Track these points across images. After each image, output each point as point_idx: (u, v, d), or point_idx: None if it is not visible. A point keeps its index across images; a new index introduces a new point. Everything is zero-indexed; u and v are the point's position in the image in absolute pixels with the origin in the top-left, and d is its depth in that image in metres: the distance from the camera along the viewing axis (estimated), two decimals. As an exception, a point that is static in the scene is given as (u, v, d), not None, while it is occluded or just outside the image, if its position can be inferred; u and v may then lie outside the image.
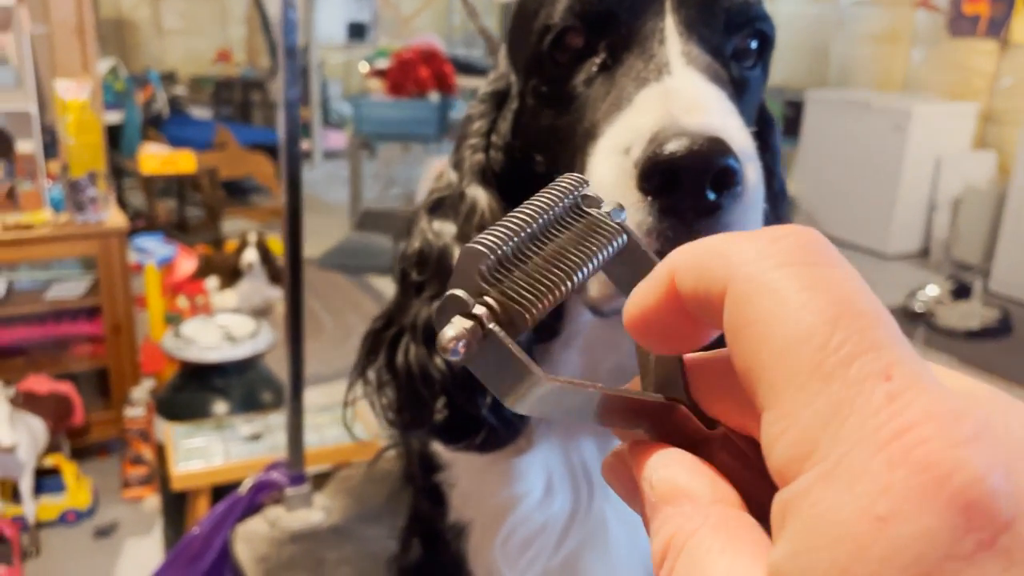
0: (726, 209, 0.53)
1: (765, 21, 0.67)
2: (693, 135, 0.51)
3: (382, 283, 4.86)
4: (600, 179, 0.58)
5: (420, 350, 0.74)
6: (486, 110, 0.76)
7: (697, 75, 0.59)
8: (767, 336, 0.23)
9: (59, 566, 2.52)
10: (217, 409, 2.49)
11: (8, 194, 2.79)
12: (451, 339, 0.26)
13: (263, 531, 1.39)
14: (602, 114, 0.61)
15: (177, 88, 6.74)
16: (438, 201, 0.77)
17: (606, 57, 0.64)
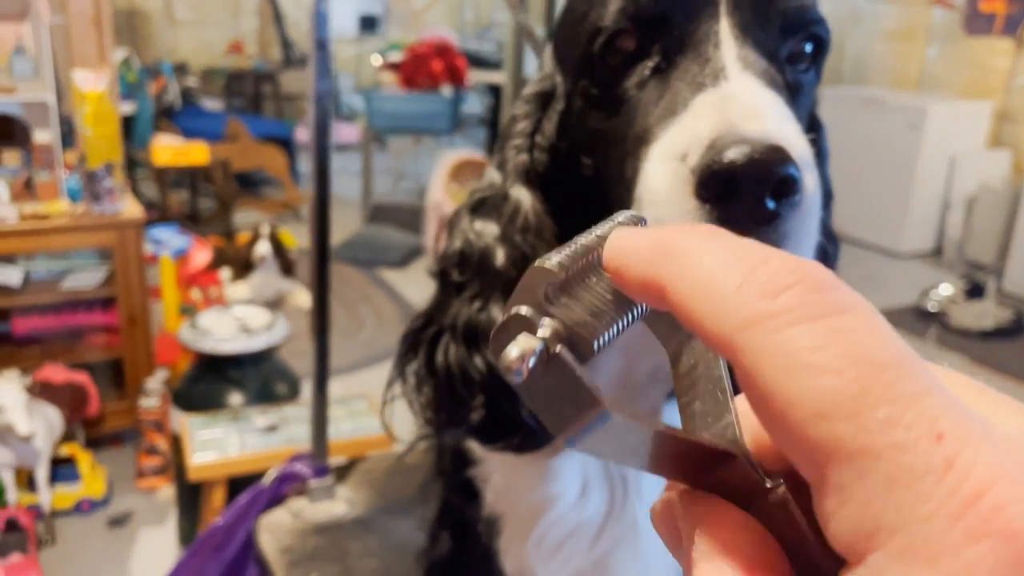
0: (784, 218, 0.53)
1: (821, 24, 0.66)
2: (754, 143, 0.51)
3: (393, 276, 4.86)
4: (655, 185, 0.57)
5: (460, 350, 0.74)
6: (531, 111, 0.75)
7: (754, 80, 0.58)
8: (794, 409, 0.21)
9: (74, 554, 2.53)
10: (232, 401, 2.50)
11: (26, 184, 2.79)
12: (516, 358, 0.25)
13: (287, 522, 1.40)
14: (655, 119, 0.60)
15: (189, 79, 6.74)
16: (480, 201, 0.77)
17: (659, 60, 0.63)
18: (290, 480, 1.46)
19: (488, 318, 0.72)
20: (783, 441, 0.22)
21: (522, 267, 0.70)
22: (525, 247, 0.71)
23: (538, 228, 0.71)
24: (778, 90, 0.59)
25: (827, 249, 0.73)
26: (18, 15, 2.88)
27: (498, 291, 0.72)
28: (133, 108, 5.19)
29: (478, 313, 0.73)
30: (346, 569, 1.29)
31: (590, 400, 0.25)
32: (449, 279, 0.76)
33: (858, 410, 0.20)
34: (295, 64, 7.53)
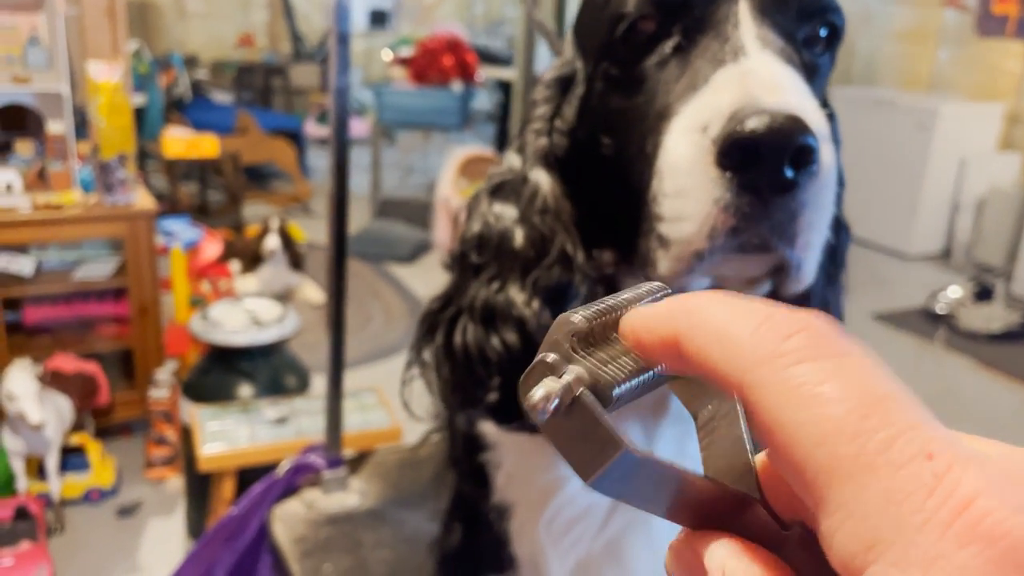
0: (802, 187, 0.54)
1: (836, 13, 0.67)
2: (773, 113, 0.52)
3: (402, 271, 4.87)
4: (676, 158, 0.58)
5: (477, 330, 0.75)
6: (551, 95, 0.76)
7: (773, 57, 0.59)
8: (799, 436, 0.23)
9: (83, 543, 2.54)
10: (242, 392, 2.51)
11: (39, 174, 2.80)
12: (540, 399, 0.27)
13: (300, 512, 1.40)
14: (676, 95, 0.61)
15: (199, 72, 6.75)
16: (499, 185, 0.78)
17: (680, 39, 0.64)
18: (304, 471, 1.46)
19: (505, 299, 0.73)
20: (790, 468, 0.24)
21: (540, 248, 0.72)
22: (543, 228, 0.72)
23: (556, 210, 0.73)
24: (795, 68, 0.60)
25: (839, 241, 0.75)
26: (33, 6, 2.89)
27: (516, 272, 0.73)
28: (144, 100, 5.20)
29: (495, 294, 0.74)
30: (359, 560, 1.30)
31: (612, 441, 0.26)
32: (467, 261, 0.77)
33: (858, 433, 0.22)
34: (305, 58, 7.54)
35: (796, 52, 0.63)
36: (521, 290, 0.72)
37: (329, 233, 1.31)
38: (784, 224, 0.55)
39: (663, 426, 0.79)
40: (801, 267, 0.59)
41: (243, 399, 2.45)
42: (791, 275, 0.59)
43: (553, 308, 0.71)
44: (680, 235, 0.59)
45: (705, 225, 0.56)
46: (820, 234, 0.59)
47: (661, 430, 0.80)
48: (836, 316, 0.76)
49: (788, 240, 0.56)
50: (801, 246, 0.57)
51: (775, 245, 0.56)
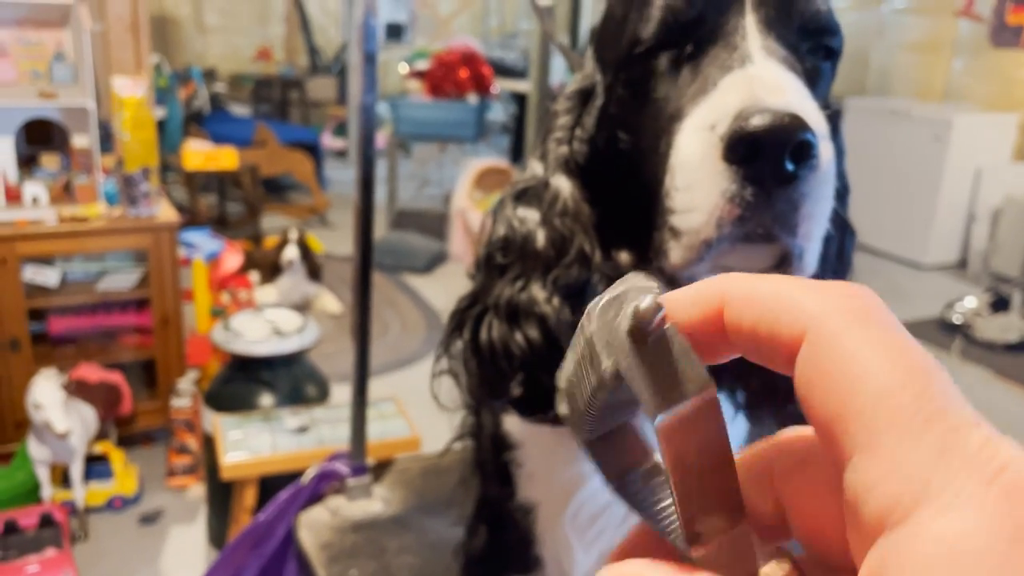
0: (802, 179, 0.59)
1: (835, 36, 0.72)
2: (775, 111, 0.57)
3: (418, 282, 4.90)
4: (687, 154, 0.64)
5: (502, 327, 0.78)
6: (572, 106, 0.81)
7: (776, 64, 0.64)
8: (861, 385, 0.24)
9: (106, 550, 2.58)
10: (264, 402, 2.54)
11: (65, 187, 2.85)
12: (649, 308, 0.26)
13: (325, 519, 1.43)
14: (688, 98, 0.66)
15: (217, 85, 6.83)
16: (523, 191, 0.82)
17: (692, 50, 0.69)
18: (328, 478, 1.49)
19: (528, 297, 0.77)
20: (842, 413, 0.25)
21: (560, 248, 0.76)
22: (563, 230, 0.77)
23: (576, 213, 0.77)
24: (798, 74, 0.65)
25: (844, 241, 0.79)
26: (59, 22, 2.95)
27: (538, 271, 0.77)
28: (163, 113, 5.27)
29: (519, 292, 0.78)
30: (384, 565, 1.33)
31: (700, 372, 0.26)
32: (493, 262, 0.81)
33: (921, 393, 0.24)
34: (322, 71, 7.60)
35: (798, 60, 0.68)
36: (543, 288, 0.76)
37: (355, 246, 1.34)
38: (786, 214, 0.60)
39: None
40: (803, 256, 0.63)
41: (264, 408, 2.48)
42: (794, 264, 0.63)
43: (573, 305, 0.75)
44: (690, 225, 0.63)
45: (713, 215, 0.61)
46: (820, 225, 0.63)
47: None
48: None
49: (790, 229, 0.61)
50: (803, 235, 0.61)
51: (778, 234, 0.61)
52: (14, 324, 2.73)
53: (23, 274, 2.77)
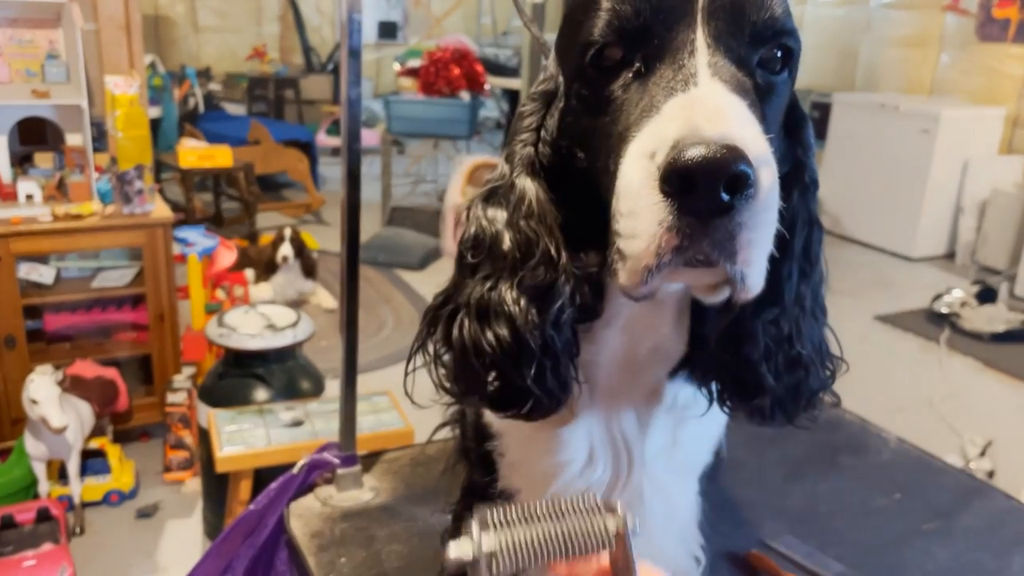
0: (739, 209, 0.60)
1: (791, 36, 0.72)
2: (710, 143, 0.58)
3: (412, 277, 4.93)
4: (628, 181, 0.64)
5: (473, 325, 0.80)
6: (536, 108, 0.82)
7: (721, 86, 0.65)
8: None
9: (103, 545, 2.61)
10: (258, 396, 2.56)
11: (58, 185, 2.88)
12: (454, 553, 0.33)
13: (316, 508, 1.46)
14: (634, 120, 0.67)
15: (212, 84, 6.84)
16: (492, 190, 0.83)
17: (640, 66, 0.70)
18: (319, 468, 1.52)
19: (498, 296, 0.78)
20: None
21: (526, 251, 0.77)
22: (528, 232, 0.78)
23: (540, 215, 0.78)
24: (744, 95, 0.66)
25: (810, 237, 0.79)
26: (51, 22, 2.97)
27: (506, 272, 0.79)
28: (159, 112, 5.29)
29: (489, 292, 0.79)
30: (373, 553, 1.35)
31: None
32: (464, 261, 0.83)
33: None
34: (316, 70, 7.62)
35: (749, 75, 0.69)
36: (510, 289, 0.78)
37: (342, 241, 1.37)
38: (724, 243, 0.61)
39: (656, 414, 0.85)
40: (745, 280, 0.63)
41: (259, 402, 2.51)
42: (737, 287, 0.64)
43: (539, 306, 0.76)
44: (633, 251, 0.64)
45: (652, 243, 0.62)
46: (761, 250, 0.63)
47: (654, 419, 0.85)
48: (814, 307, 0.81)
49: (729, 257, 0.61)
50: (742, 262, 0.62)
51: (718, 261, 0.62)
52: (10, 321, 2.76)
53: (18, 272, 2.79)
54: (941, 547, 1.30)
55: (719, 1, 0.68)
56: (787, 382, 0.79)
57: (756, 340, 0.76)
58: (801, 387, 0.80)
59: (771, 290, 0.73)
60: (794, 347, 0.78)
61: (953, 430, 3.42)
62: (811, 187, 0.79)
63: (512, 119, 0.91)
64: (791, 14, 0.72)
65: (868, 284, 5.18)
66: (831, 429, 1.66)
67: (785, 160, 0.78)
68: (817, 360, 0.81)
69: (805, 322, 0.79)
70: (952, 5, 5.77)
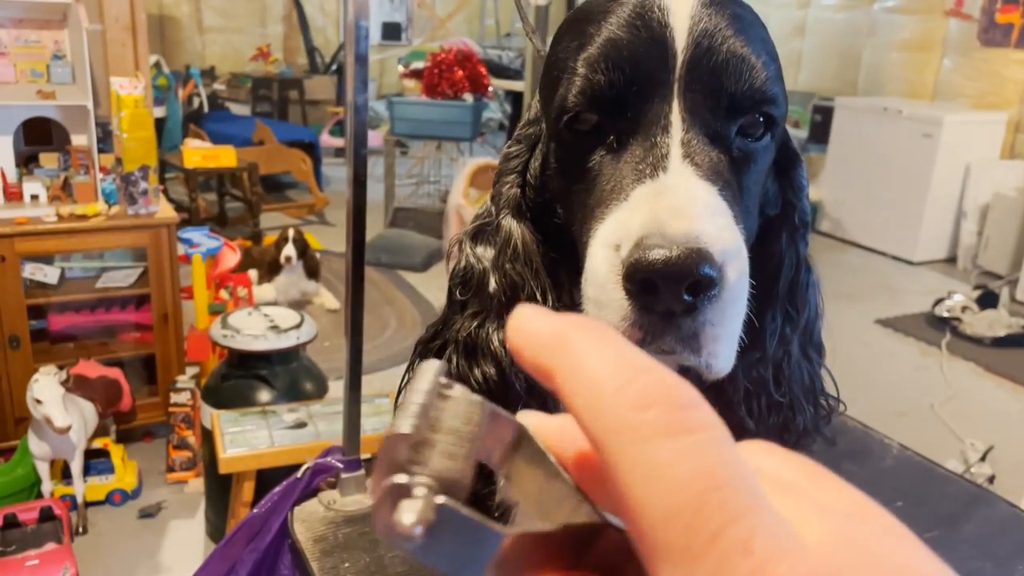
0: (702, 309, 0.59)
1: (772, 104, 0.69)
2: (672, 245, 0.57)
3: (415, 279, 4.94)
4: (594, 267, 0.64)
5: (462, 362, 0.80)
6: (521, 151, 0.82)
7: (691, 172, 0.63)
8: (644, 512, 0.25)
9: (106, 544, 2.62)
10: (261, 397, 2.57)
11: (63, 185, 2.89)
12: (410, 524, 0.26)
13: (319, 513, 1.47)
14: (604, 200, 0.66)
15: (216, 85, 6.85)
16: (480, 227, 0.83)
17: (613, 140, 0.68)
18: (323, 472, 1.53)
19: (485, 334, 0.78)
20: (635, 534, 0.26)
21: (511, 294, 0.77)
22: (513, 275, 0.77)
23: (526, 257, 0.77)
24: (716, 178, 0.64)
25: (796, 279, 0.78)
26: (57, 22, 2.98)
27: (493, 312, 0.79)
28: (163, 112, 5.30)
29: (477, 329, 0.79)
30: (377, 559, 1.36)
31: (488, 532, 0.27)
32: (454, 297, 0.83)
33: (692, 522, 0.24)
34: (320, 71, 7.63)
35: (726, 151, 0.67)
36: (496, 330, 0.77)
37: (347, 246, 1.38)
38: (688, 339, 0.60)
39: None
40: (712, 368, 0.63)
41: (262, 404, 2.52)
42: (702, 372, 0.63)
43: None
44: None
45: None
46: (727, 341, 0.63)
47: None
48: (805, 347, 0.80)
49: (694, 351, 0.61)
50: (707, 355, 0.61)
51: (682, 354, 0.61)
52: (14, 321, 2.77)
53: (23, 272, 2.80)
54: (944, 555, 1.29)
55: (697, 72, 0.65)
56: (771, 424, 0.78)
57: (737, 383, 0.76)
58: (789, 427, 0.79)
59: (753, 334, 0.73)
60: (775, 393, 0.77)
61: (954, 435, 3.42)
62: (800, 229, 0.77)
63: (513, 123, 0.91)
64: (777, 78, 0.69)
65: (869, 288, 5.18)
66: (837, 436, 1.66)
67: (775, 202, 0.77)
68: (807, 401, 0.80)
69: (789, 365, 0.78)
70: (955, 10, 5.77)
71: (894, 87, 6.37)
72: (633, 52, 0.66)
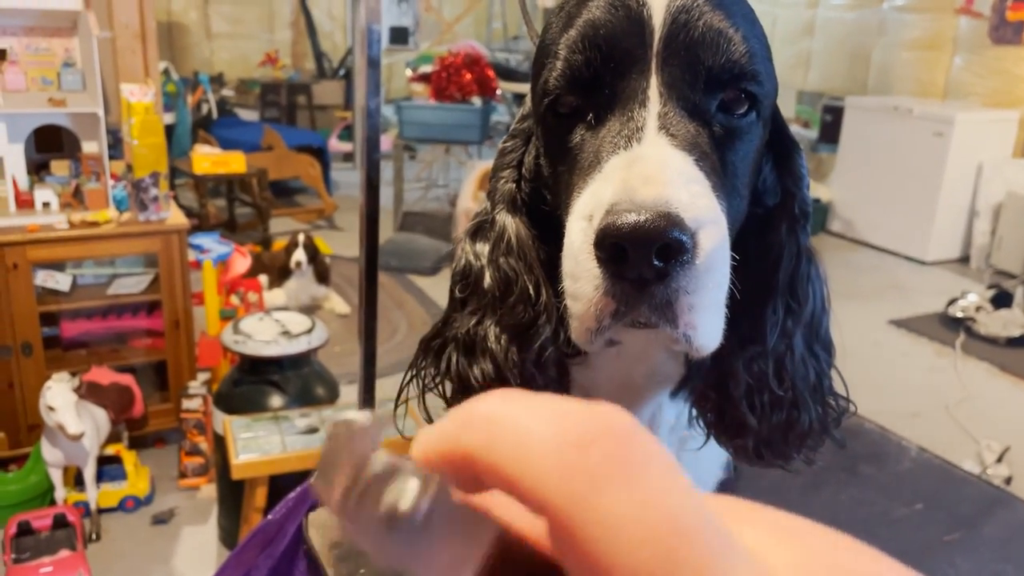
0: (674, 276, 0.58)
1: (753, 81, 0.68)
2: (641, 210, 0.56)
3: (425, 283, 4.94)
4: (571, 240, 0.64)
5: (461, 360, 0.80)
6: (516, 145, 0.82)
7: (666, 141, 0.63)
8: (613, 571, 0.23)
9: (119, 551, 2.62)
10: (273, 403, 2.57)
11: (75, 193, 2.89)
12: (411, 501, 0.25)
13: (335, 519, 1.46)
14: (581, 175, 0.66)
15: (225, 90, 6.88)
16: (479, 225, 0.83)
17: (592, 117, 0.68)
18: (337, 477, 1.52)
19: (483, 333, 0.78)
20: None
21: (505, 289, 0.77)
22: (507, 270, 0.77)
23: (520, 252, 0.77)
24: (693, 149, 0.64)
25: (797, 270, 0.76)
26: (67, 30, 2.99)
27: (490, 309, 0.78)
28: (172, 119, 5.31)
29: (475, 327, 0.79)
30: (392, 563, 1.36)
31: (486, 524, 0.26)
32: (455, 295, 0.83)
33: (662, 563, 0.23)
34: (328, 75, 7.65)
35: (705, 124, 0.66)
36: (493, 326, 0.77)
37: (360, 251, 1.38)
38: (663, 308, 0.59)
39: (659, 435, 0.84)
40: (691, 342, 0.62)
41: (274, 409, 2.52)
42: (684, 347, 0.62)
43: (519, 344, 0.75)
44: (575, 312, 0.64)
45: (591, 307, 0.61)
46: (706, 313, 0.61)
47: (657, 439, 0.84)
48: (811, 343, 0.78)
49: (671, 321, 0.60)
50: (685, 326, 0.60)
51: (657, 325, 0.60)
52: (26, 328, 2.78)
53: (35, 279, 2.81)
54: (964, 558, 1.29)
55: (674, 46, 0.65)
56: (774, 421, 0.76)
57: (738, 378, 0.74)
58: (794, 426, 0.77)
59: (754, 327, 0.72)
60: (776, 388, 0.75)
61: (969, 435, 3.40)
62: (800, 219, 0.76)
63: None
64: (758, 55, 0.68)
65: (882, 288, 5.16)
66: (851, 438, 1.64)
67: (773, 192, 0.76)
68: (813, 400, 0.78)
69: (793, 361, 0.76)
70: (965, 8, 5.75)
71: (905, 86, 6.34)
72: (611, 31, 0.66)
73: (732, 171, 0.68)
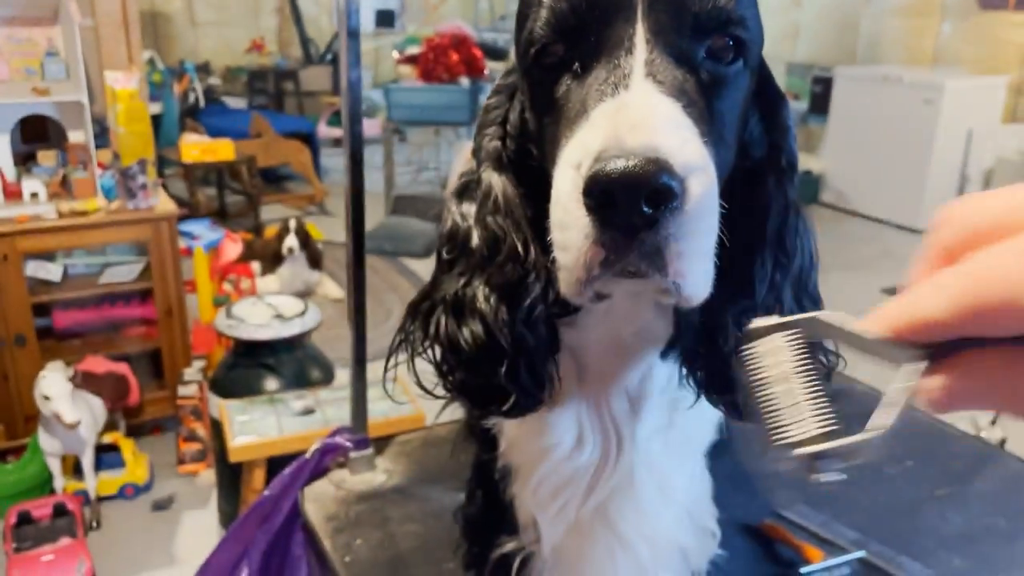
0: (663, 223, 0.57)
1: (740, 26, 0.68)
2: (629, 155, 0.56)
3: (417, 265, 4.94)
4: (559, 190, 0.63)
5: (450, 322, 0.79)
6: (501, 101, 0.81)
7: (653, 88, 0.62)
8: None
9: (120, 538, 2.63)
10: (268, 386, 2.58)
11: (62, 182, 2.88)
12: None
13: (330, 492, 1.47)
14: (568, 125, 0.65)
15: (211, 79, 6.84)
16: (465, 185, 0.82)
17: (578, 66, 0.67)
18: (332, 452, 1.53)
19: (471, 293, 0.77)
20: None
21: (493, 247, 0.76)
22: (495, 228, 0.76)
23: (507, 210, 0.76)
24: (681, 95, 0.63)
25: (787, 221, 0.76)
26: (49, 19, 2.97)
27: (478, 269, 0.77)
28: (159, 108, 5.29)
29: (463, 288, 0.78)
30: (388, 534, 1.36)
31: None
32: (442, 257, 0.82)
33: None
34: (315, 61, 7.61)
35: (692, 71, 0.66)
36: (482, 286, 0.76)
37: (347, 227, 1.37)
38: (652, 256, 0.59)
39: (649, 396, 0.84)
40: (681, 291, 0.61)
41: (269, 392, 2.52)
42: (674, 297, 0.62)
43: (508, 303, 0.75)
44: (564, 263, 0.63)
45: (580, 256, 0.60)
46: (696, 261, 0.61)
47: (648, 400, 0.84)
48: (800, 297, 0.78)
49: (660, 269, 0.59)
50: (674, 273, 0.60)
51: (648, 273, 0.60)
52: (19, 319, 2.77)
53: (25, 270, 2.80)
54: (955, 512, 1.30)
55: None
56: None
57: (727, 333, 0.74)
58: None
59: (743, 281, 0.72)
60: None
61: (964, 400, 3.41)
62: (787, 171, 0.75)
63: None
64: (748, 3, 0.68)
65: (875, 257, 5.16)
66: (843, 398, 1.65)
67: (760, 144, 0.75)
68: None
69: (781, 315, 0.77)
70: (952, -26, 5.73)
71: (893, 54, 6.33)
72: None
73: (720, 119, 0.68)
